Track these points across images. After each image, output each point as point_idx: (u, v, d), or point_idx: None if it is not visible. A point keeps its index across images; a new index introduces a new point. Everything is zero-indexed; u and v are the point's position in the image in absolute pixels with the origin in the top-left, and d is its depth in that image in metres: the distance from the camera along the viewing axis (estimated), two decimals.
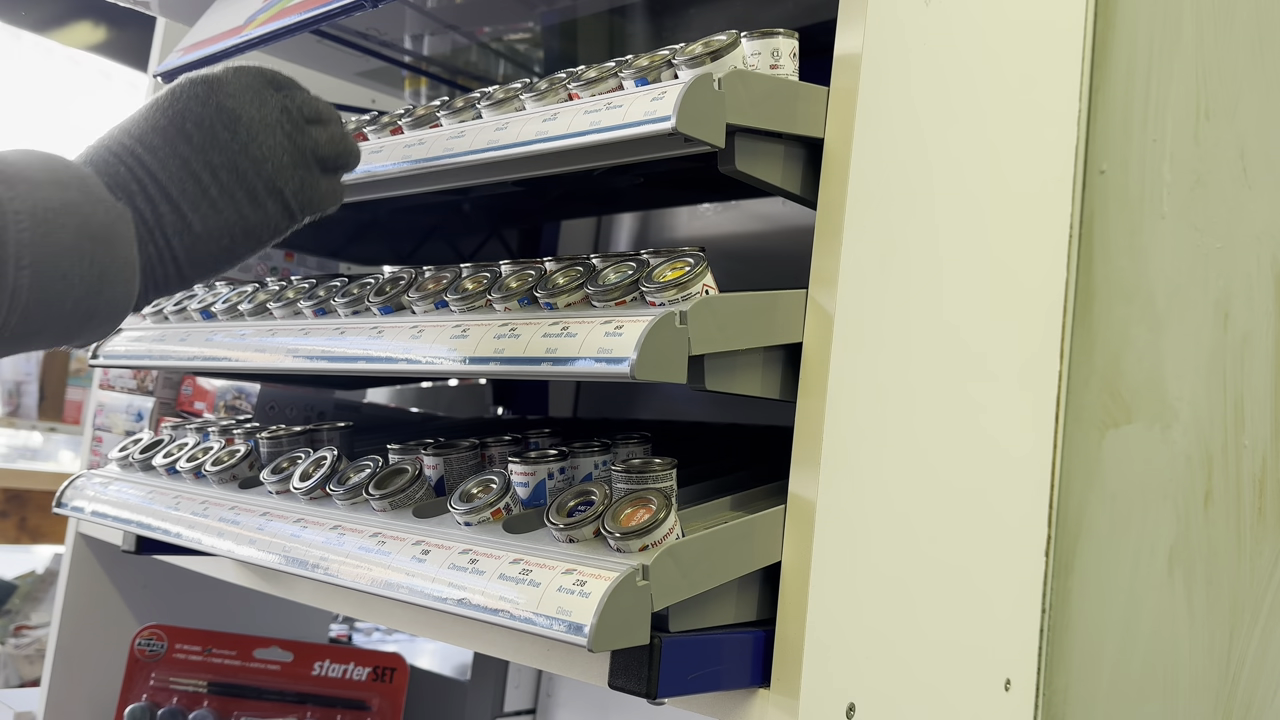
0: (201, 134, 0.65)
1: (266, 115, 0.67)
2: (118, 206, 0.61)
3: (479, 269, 0.79)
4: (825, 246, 0.67)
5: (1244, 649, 0.83)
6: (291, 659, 1.29)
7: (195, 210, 0.64)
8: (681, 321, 0.62)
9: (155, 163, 0.64)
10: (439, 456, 0.80)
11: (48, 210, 0.58)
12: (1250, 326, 0.85)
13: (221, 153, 0.65)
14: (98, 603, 1.34)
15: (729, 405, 1.11)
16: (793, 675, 0.64)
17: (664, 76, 0.69)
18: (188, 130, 0.65)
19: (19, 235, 0.56)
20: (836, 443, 0.66)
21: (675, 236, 1.40)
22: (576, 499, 0.67)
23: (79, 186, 0.60)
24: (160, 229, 0.64)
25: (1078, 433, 0.91)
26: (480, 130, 0.76)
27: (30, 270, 0.57)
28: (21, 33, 2.77)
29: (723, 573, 0.64)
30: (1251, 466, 0.84)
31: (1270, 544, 0.82)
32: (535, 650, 0.72)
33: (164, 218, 0.64)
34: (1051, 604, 0.90)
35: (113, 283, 0.61)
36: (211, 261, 0.66)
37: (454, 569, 0.65)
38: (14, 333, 0.58)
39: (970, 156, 0.79)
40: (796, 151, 0.70)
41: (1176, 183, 0.90)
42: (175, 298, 1.07)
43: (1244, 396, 0.84)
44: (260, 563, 0.78)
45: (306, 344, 0.83)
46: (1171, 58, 0.91)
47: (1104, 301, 0.91)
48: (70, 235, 0.58)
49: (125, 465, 1.03)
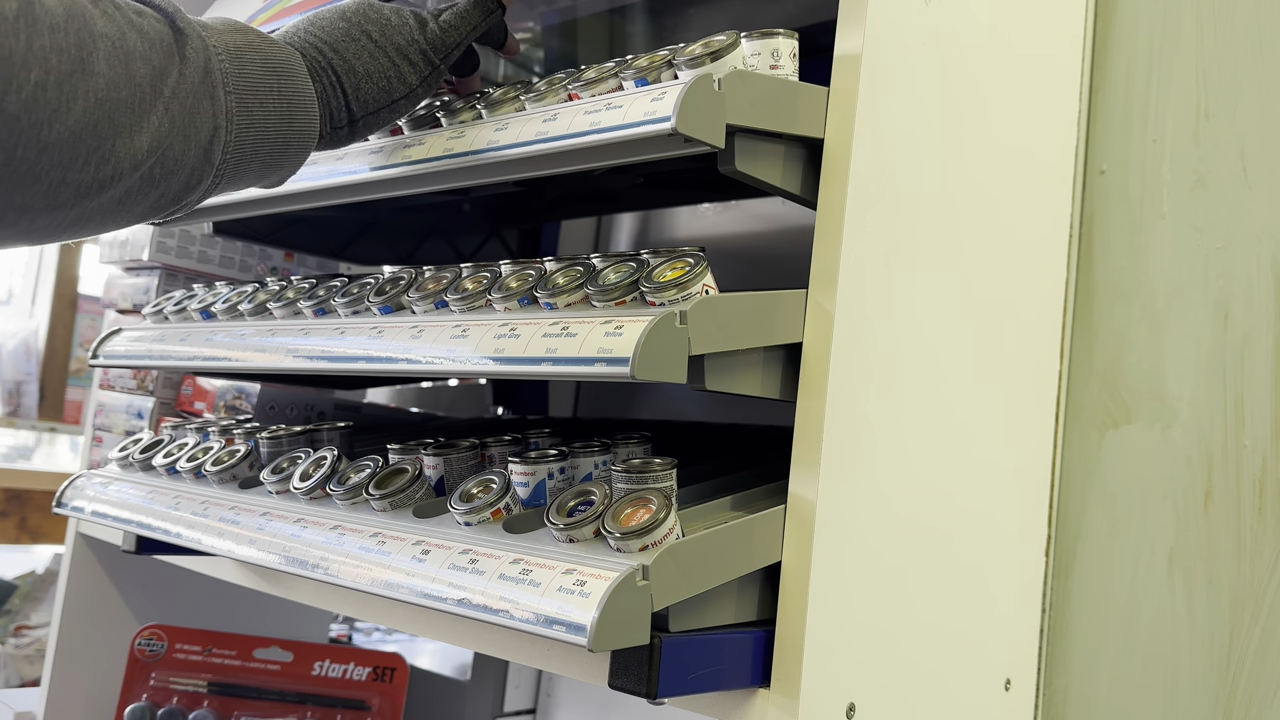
0: (356, 14, 0.78)
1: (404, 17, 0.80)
2: (290, 50, 0.72)
3: (479, 269, 0.79)
4: (825, 246, 0.67)
5: (1244, 649, 0.83)
6: (291, 659, 1.29)
7: (356, 56, 0.76)
8: (681, 321, 0.62)
9: (320, 30, 0.76)
10: (439, 456, 0.80)
11: (237, 49, 0.68)
12: (1250, 326, 0.85)
13: (372, 23, 0.78)
14: (98, 603, 1.34)
15: (729, 405, 1.11)
16: (793, 675, 0.64)
17: (664, 77, 0.69)
18: (346, 12, 0.78)
19: (222, 66, 0.66)
20: (836, 443, 0.66)
21: (675, 236, 1.40)
22: (576, 499, 0.67)
23: (255, 34, 0.71)
24: (329, 69, 0.74)
25: (1078, 433, 0.91)
26: (480, 130, 0.76)
27: (236, 95, 0.67)
28: None
29: (723, 573, 0.64)
30: (1251, 466, 0.84)
31: (1270, 544, 0.82)
32: (535, 650, 0.72)
33: (330, 60, 0.75)
34: (1051, 604, 0.90)
35: (298, 112, 0.71)
36: (373, 99, 0.77)
37: (454, 569, 0.65)
38: (233, 155, 0.68)
39: (970, 156, 0.79)
40: (796, 151, 0.70)
41: (1176, 183, 0.90)
42: (175, 298, 1.07)
43: (1244, 396, 0.84)
44: (260, 563, 0.78)
45: (306, 344, 0.83)
46: (1171, 58, 0.91)
47: (1104, 301, 0.91)
48: (258, 68, 0.69)
49: (125, 465, 1.03)
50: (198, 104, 0.64)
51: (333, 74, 0.75)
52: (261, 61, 0.69)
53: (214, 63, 0.66)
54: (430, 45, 0.79)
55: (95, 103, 0.58)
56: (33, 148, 0.56)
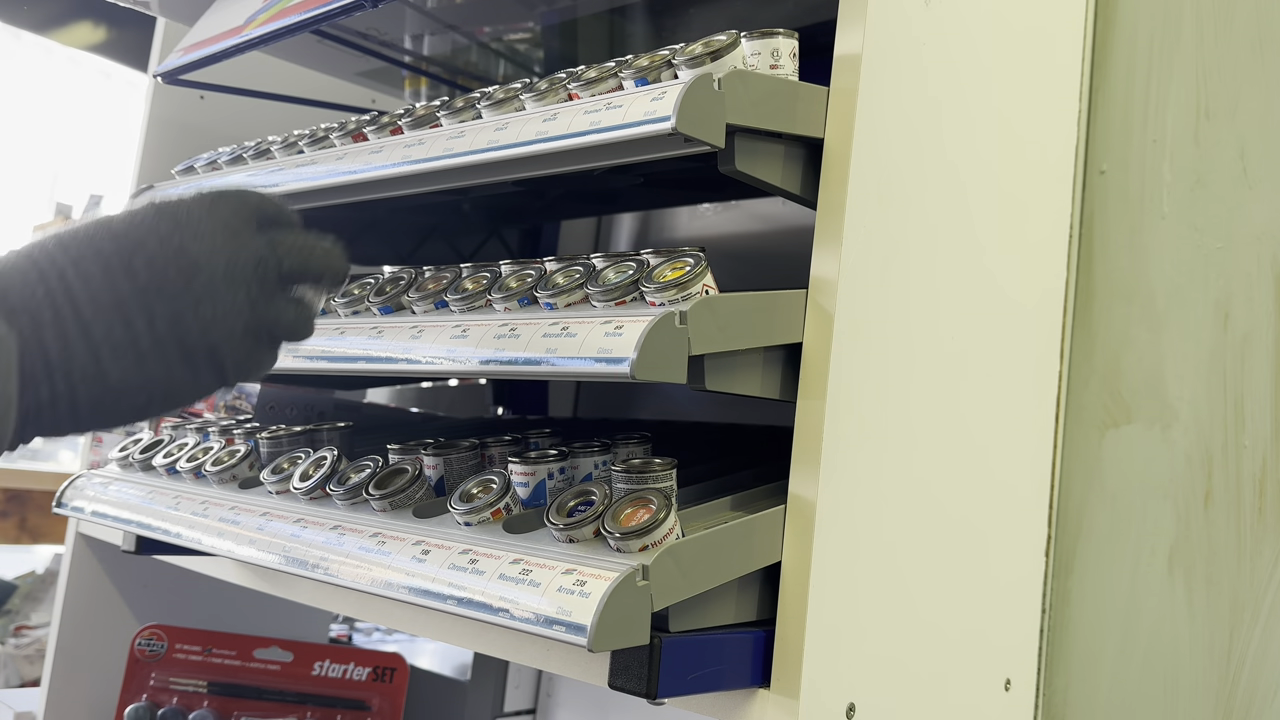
0: (150, 275, 0.55)
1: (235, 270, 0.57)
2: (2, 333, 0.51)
3: (479, 269, 0.79)
4: (825, 246, 0.67)
5: (1244, 649, 0.83)
6: (291, 659, 1.29)
7: (116, 359, 0.54)
8: (681, 321, 0.62)
9: (84, 293, 0.53)
10: (439, 456, 0.80)
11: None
12: (1250, 326, 0.85)
13: (167, 302, 0.55)
14: (98, 603, 1.34)
15: (729, 405, 1.11)
16: (793, 675, 0.64)
17: (664, 76, 0.69)
18: (134, 267, 0.55)
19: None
20: (836, 443, 0.66)
21: (675, 236, 1.40)
22: (576, 499, 0.67)
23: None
24: (66, 371, 0.53)
25: (1078, 433, 0.91)
26: (480, 130, 0.76)
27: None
28: (21, 33, 2.77)
29: (723, 573, 0.64)
30: (1251, 466, 0.84)
31: (1270, 544, 0.82)
32: (535, 650, 0.72)
33: (75, 358, 0.53)
34: (1051, 604, 0.90)
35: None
36: (119, 417, 0.56)
37: (454, 569, 0.65)
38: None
39: (970, 156, 0.79)
40: (796, 151, 0.70)
41: (1176, 183, 0.90)
42: None
43: (1244, 396, 0.84)
44: (260, 563, 0.78)
45: (307, 344, 0.83)
46: (1171, 58, 0.91)
47: (1104, 301, 0.91)
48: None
49: (125, 465, 1.03)
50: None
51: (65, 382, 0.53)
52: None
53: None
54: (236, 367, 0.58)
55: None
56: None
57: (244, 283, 0.57)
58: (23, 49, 4.03)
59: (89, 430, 0.57)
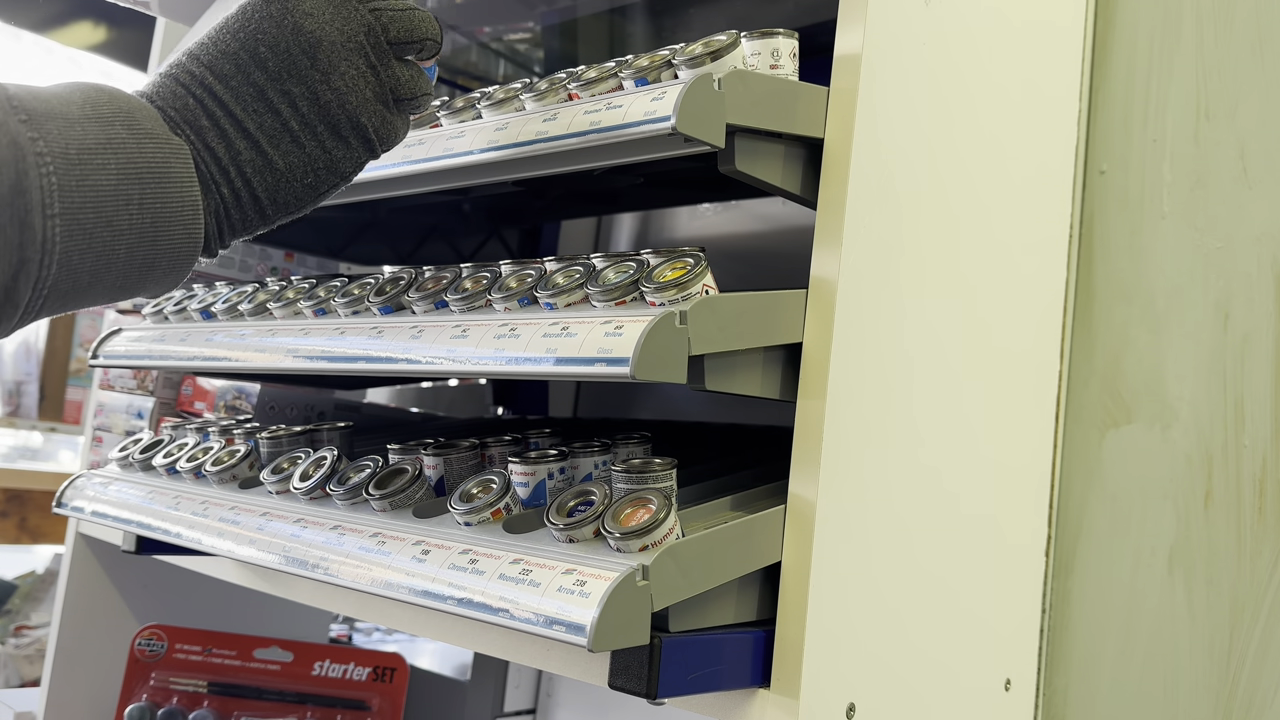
0: (277, 60, 0.58)
1: (350, 39, 0.60)
2: (173, 142, 0.56)
3: (479, 269, 0.79)
4: (825, 246, 0.67)
5: (1244, 649, 0.83)
6: (291, 659, 1.29)
7: (276, 145, 0.59)
8: (681, 321, 0.62)
9: (228, 93, 0.58)
10: (439, 456, 0.80)
11: (82, 150, 0.52)
12: (1250, 326, 0.85)
13: (300, 82, 0.59)
14: (98, 603, 1.34)
15: (729, 405, 1.11)
16: (793, 675, 0.64)
17: (664, 77, 0.69)
18: (261, 55, 0.58)
19: (45, 180, 0.51)
20: (836, 443, 0.66)
21: (675, 236, 1.40)
22: (576, 499, 0.67)
23: (125, 122, 0.54)
24: (237, 167, 0.58)
25: (1078, 433, 0.91)
26: (480, 130, 0.76)
27: (62, 218, 0.51)
28: (21, 33, 2.77)
29: (723, 573, 0.64)
30: (1251, 466, 0.84)
31: (1270, 544, 0.82)
32: (535, 650, 0.72)
33: (241, 154, 0.58)
34: (1051, 604, 0.90)
35: (170, 228, 0.55)
36: (296, 201, 0.61)
37: (454, 569, 0.65)
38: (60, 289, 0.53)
39: (970, 156, 0.79)
40: (796, 151, 0.70)
41: (1176, 183, 0.90)
42: (174, 297, 1.07)
43: (1244, 396, 0.84)
44: (260, 563, 0.78)
45: (306, 344, 0.83)
46: (1171, 58, 0.91)
47: (1104, 301, 0.91)
48: (112, 176, 0.53)
49: (125, 465, 1.03)
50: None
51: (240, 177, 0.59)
52: (120, 166, 0.53)
53: (33, 177, 0.50)
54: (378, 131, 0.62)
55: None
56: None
57: (361, 50, 0.60)
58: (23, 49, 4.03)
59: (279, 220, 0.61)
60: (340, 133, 0.61)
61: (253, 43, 0.58)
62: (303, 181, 0.61)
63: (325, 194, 0.63)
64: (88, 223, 0.52)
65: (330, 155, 0.61)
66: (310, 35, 0.59)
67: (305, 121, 0.59)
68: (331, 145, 0.60)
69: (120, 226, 0.53)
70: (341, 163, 0.62)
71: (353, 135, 0.61)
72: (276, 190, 0.60)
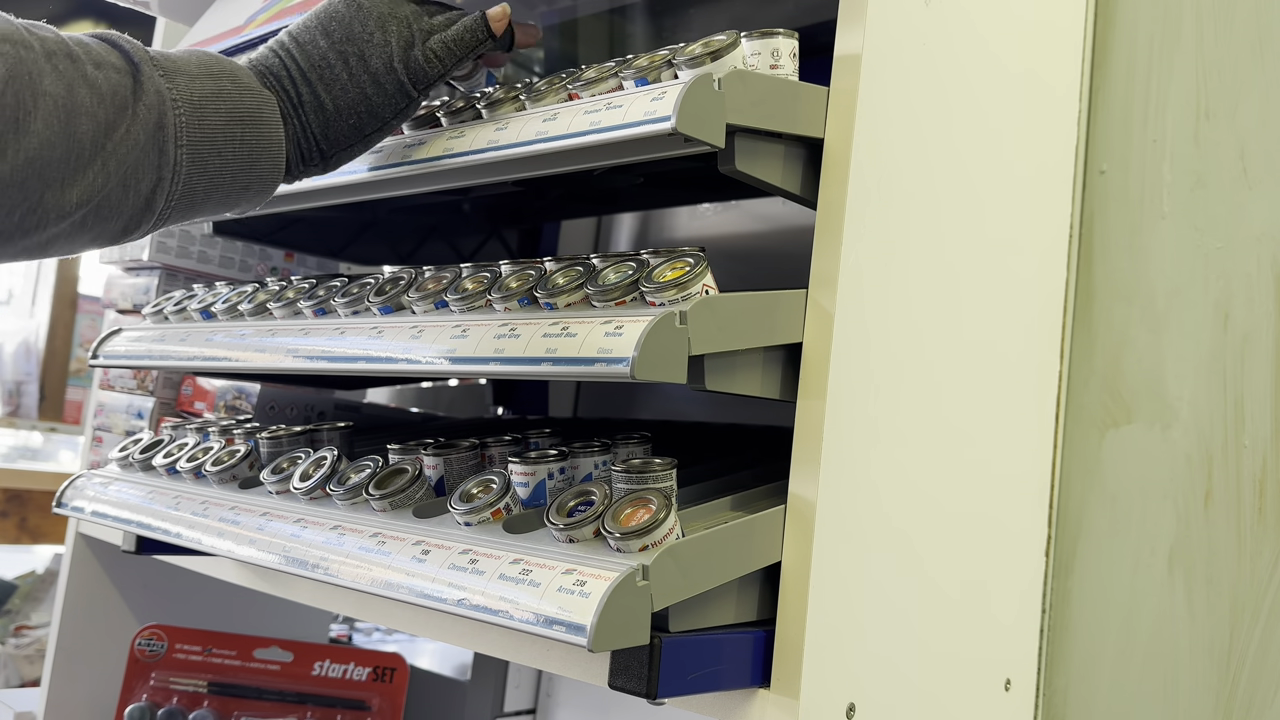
0: (340, 29, 0.76)
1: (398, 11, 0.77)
2: (264, 94, 0.72)
3: (479, 269, 0.79)
4: (825, 246, 0.67)
5: (1244, 649, 0.83)
6: (291, 659, 1.29)
7: (329, 91, 0.75)
8: (681, 321, 0.62)
9: (301, 54, 0.75)
10: (439, 456, 0.80)
11: (202, 97, 0.69)
12: (1250, 326, 0.85)
13: (353, 43, 0.76)
14: (98, 603, 1.34)
15: (729, 405, 1.11)
16: (793, 675, 0.64)
17: (664, 76, 0.69)
18: (330, 27, 0.76)
19: (177, 119, 0.67)
20: (836, 443, 0.66)
21: (675, 236, 1.40)
22: (576, 499, 0.67)
23: (229, 78, 0.71)
24: (300, 107, 0.74)
25: (1078, 433, 0.91)
26: (480, 130, 0.76)
27: (188, 148, 0.68)
28: None
29: (723, 573, 0.64)
30: (1251, 466, 0.84)
31: (1270, 544, 0.82)
32: (535, 650, 0.72)
33: (303, 98, 0.74)
34: (1051, 604, 0.90)
35: (261, 158, 0.72)
36: (344, 138, 0.76)
37: (454, 569, 0.65)
38: (182, 202, 0.69)
39: (970, 156, 0.79)
40: (796, 151, 0.70)
41: (1176, 183, 0.90)
42: (175, 298, 1.07)
43: (1244, 396, 0.84)
44: (260, 563, 0.78)
45: (306, 344, 0.83)
46: (1171, 58, 0.91)
47: (1104, 301, 0.91)
48: (221, 118, 0.69)
49: (125, 465, 1.03)
50: (143, 157, 0.66)
51: (304, 113, 0.75)
52: (227, 111, 0.70)
53: (169, 117, 0.67)
54: (410, 75, 0.77)
55: (25, 161, 0.61)
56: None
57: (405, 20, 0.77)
58: None
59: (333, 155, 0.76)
60: (379, 81, 0.76)
61: (325, 18, 0.77)
62: (348, 122, 0.76)
63: (370, 137, 0.77)
64: (204, 152, 0.69)
65: (370, 101, 0.76)
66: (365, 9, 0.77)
67: (352, 73, 0.75)
68: (372, 92, 0.76)
69: (227, 156, 0.70)
70: (380, 108, 0.76)
71: (389, 83, 0.76)
72: (328, 127, 0.75)
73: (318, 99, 0.75)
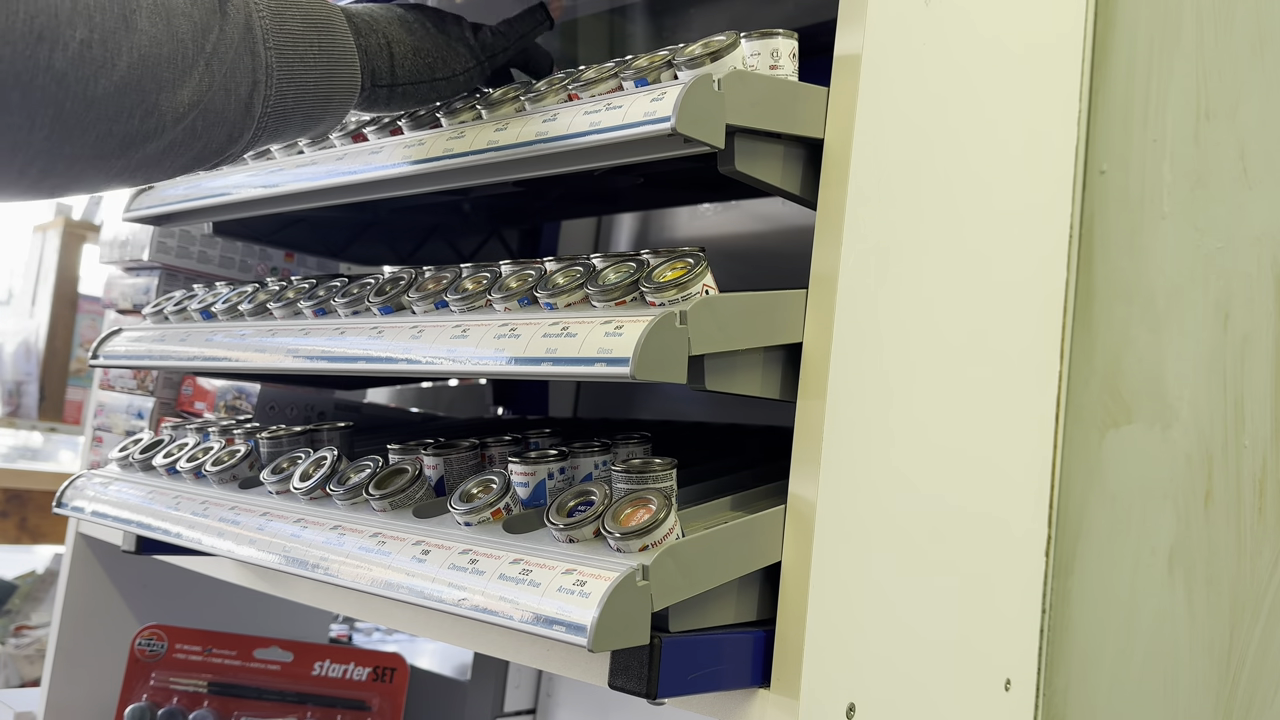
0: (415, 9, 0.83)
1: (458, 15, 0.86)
2: (331, 6, 0.75)
3: (479, 269, 0.79)
4: (825, 246, 0.67)
5: (1244, 649, 0.83)
6: (291, 659, 1.29)
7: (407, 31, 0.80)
8: (681, 321, 0.62)
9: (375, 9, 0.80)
10: (439, 456, 0.80)
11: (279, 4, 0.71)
12: (1250, 327, 0.85)
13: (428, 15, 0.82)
14: (98, 603, 1.34)
15: (729, 405, 1.11)
16: (793, 675, 0.64)
17: (664, 77, 0.69)
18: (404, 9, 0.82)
19: (261, 22, 0.69)
20: (836, 443, 0.66)
21: (675, 236, 1.40)
22: (576, 499, 0.67)
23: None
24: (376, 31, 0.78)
25: (1078, 433, 0.91)
26: (480, 130, 0.76)
27: (276, 51, 0.70)
28: None
29: (723, 573, 0.64)
30: (1251, 466, 0.84)
31: (1270, 544, 0.82)
32: (535, 650, 0.72)
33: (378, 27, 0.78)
34: (1051, 604, 0.90)
35: (339, 67, 0.74)
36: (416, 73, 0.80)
37: (454, 569, 0.65)
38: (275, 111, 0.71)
39: (969, 156, 0.79)
40: (796, 151, 0.70)
41: (1176, 183, 0.90)
42: (175, 298, 1.07)
43: (1244, 396, 0.84)
44: (260, 563, 0.78)
45: (306, 344, 0.83)
46: (1171, 58, 0.91)
47: (1104, 301, 0.91)
48: (298, 23, 0.72)
49: (125, 465, 1.03)
50: (238, 59, 0.67)
51: (380, 37, 0.78)
52: (302, 17, 0.72)
53: (255, 18, 0.69)
54: (479, 44, 0.84)
55: (139, 59, 0.61)
56: (80, 102, 0.60)
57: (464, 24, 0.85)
58: None
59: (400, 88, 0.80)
60: (448, 33, 0.83)
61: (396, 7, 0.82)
62: (423, 60, 0.80)
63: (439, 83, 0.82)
64: (289, 55, 0.71)
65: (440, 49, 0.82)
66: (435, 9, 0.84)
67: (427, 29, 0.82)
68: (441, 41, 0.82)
69: (309, 62, 0.72)
70: (450, 59, 0.82)
71: (457, 38, 0.83)
72: (404, 59, 0.79)
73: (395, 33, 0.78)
